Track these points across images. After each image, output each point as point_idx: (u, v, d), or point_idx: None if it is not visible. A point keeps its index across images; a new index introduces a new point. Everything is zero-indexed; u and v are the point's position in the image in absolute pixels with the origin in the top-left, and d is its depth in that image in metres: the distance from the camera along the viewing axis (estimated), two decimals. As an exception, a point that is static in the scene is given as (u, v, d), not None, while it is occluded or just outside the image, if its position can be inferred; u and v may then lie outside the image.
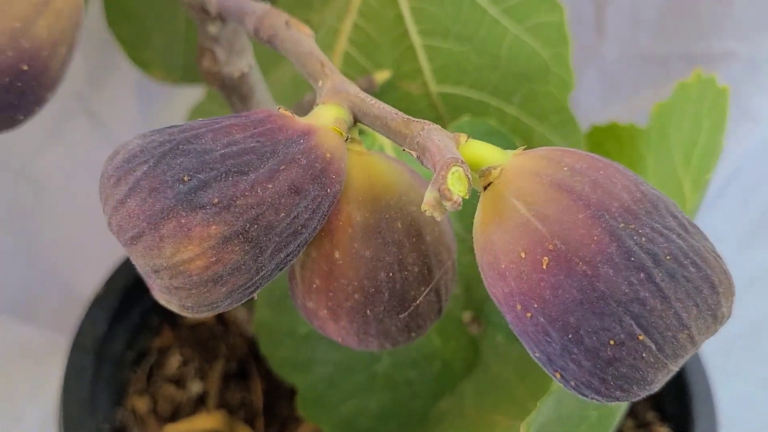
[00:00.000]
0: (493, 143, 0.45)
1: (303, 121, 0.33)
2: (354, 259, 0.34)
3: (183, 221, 0.30)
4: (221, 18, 0.42)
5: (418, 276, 0.35)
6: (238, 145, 0.31)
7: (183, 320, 0.64)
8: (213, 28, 0.44)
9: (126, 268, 0.62)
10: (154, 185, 0.30)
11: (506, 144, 0.47)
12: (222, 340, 0.64)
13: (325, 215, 0.33)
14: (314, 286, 0.35)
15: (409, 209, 0.35)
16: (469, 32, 0.46)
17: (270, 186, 0.31)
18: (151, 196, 0.30)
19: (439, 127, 0.32)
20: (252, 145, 0.31)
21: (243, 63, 0.46)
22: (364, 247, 0.34)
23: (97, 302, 0.60)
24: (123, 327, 0.61)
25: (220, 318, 0.64)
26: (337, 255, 0.34)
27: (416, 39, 0.48)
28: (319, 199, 0.32)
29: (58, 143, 0.74)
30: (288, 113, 0.33)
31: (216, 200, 0.30)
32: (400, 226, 0.34)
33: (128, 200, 0.30)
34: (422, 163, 0.32)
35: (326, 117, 0.33)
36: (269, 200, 0.31)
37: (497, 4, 0.45)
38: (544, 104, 0.47)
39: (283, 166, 0.31)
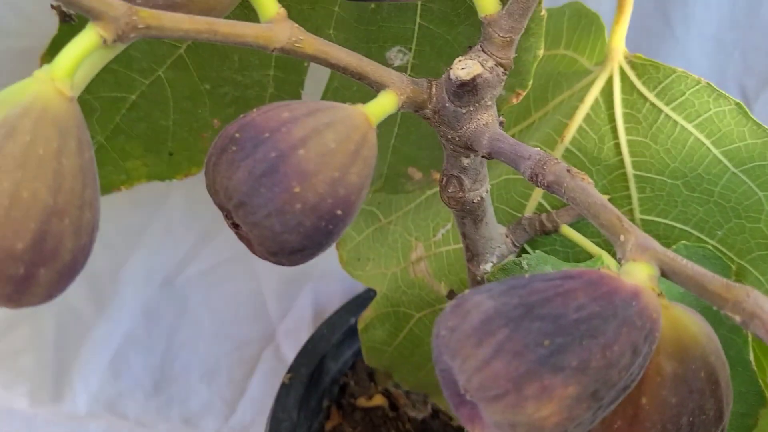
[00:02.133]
0: (711, 267, 0.47)
1: (628, 281, 0.35)
2: (660, 406, 0.36)
3: (546, 383, 0.32)
4: (488, 156, 0.44)
5: (713, 418, 0.37)
6: (586, 310, 0.33)
7: (355, 404, 0.66)
8: (466, 161, 0.46)
9: (306, 355, 0.64)
10: (517, 349, 0.32)
11: (723, 268, 0.49)
12: (393, 425, 0.66)
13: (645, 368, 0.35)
14: (615, 426, 0.37)
15: (710, 359, 0.37)
16: (687, 169, 0.49)
17: (615, 348, 0.33)
18: (516, 359, 0.32)
19: (761, 293, 0.34)
20: (596, 309, 0.33)
21: (482, 189, 0.48)
22: (671, 395, 0.36)
23: (285, 389, 0.62)
24: (304, 413, 0.63)
25: (392, 403, 0.66)
26: (644, 401, 0.36)
27: (630, 169, 0.50)
28: (647, 355, 0.34)
29: (201, 259, 0.76)
30: (614, 273, 0.35)
31: (574, 363, 0.32)
32: (703, 375, 0.36)
33: (493, 362, 0.32)
34: (745, 327, 0.34)
35: (641, 276, 0.35)
36: (614, 361, 0.33)
37: (719, 146, 0.48)
38: (749, 239, 0.49)
39: (624, 329, 0.33)
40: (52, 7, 0.48)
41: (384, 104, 0.41)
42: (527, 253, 0.51)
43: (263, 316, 0.84)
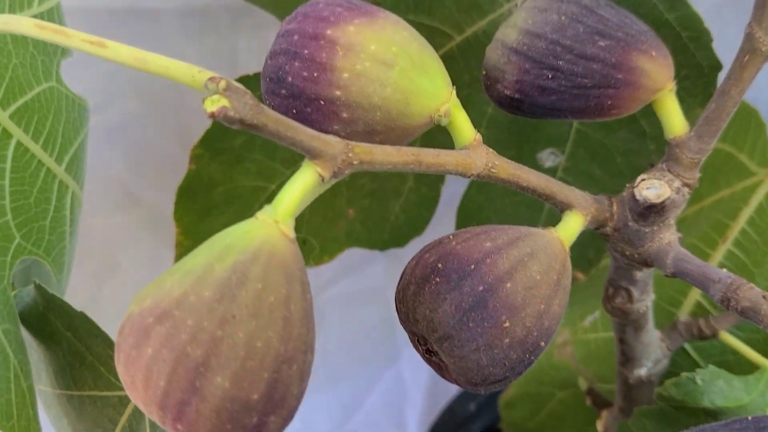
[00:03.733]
0: None
1: None
2: None
3: None
4: (672, 275, 0.43)
5: None
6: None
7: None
8: (639, 274, 0.46)
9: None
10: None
11: None
12: None
13: None
14: None
15: None
16: None
17: None
18: None
19: None
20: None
21: (648, 299, 0.48)
22: None
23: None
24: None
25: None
26: None
27: (797, 272, 0.50)
28: None
29: (342, 285, 0.78)
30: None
31: None
32: None
33: None
34: None
35: None
36: None
37: None
38: None
39: None
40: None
41: (573, 226, 0.41)
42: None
43: (390, 340, 0.87)
